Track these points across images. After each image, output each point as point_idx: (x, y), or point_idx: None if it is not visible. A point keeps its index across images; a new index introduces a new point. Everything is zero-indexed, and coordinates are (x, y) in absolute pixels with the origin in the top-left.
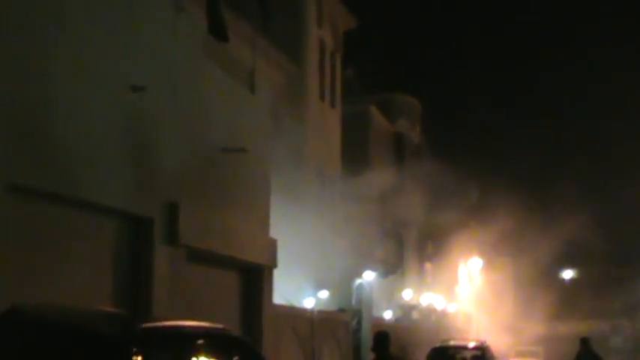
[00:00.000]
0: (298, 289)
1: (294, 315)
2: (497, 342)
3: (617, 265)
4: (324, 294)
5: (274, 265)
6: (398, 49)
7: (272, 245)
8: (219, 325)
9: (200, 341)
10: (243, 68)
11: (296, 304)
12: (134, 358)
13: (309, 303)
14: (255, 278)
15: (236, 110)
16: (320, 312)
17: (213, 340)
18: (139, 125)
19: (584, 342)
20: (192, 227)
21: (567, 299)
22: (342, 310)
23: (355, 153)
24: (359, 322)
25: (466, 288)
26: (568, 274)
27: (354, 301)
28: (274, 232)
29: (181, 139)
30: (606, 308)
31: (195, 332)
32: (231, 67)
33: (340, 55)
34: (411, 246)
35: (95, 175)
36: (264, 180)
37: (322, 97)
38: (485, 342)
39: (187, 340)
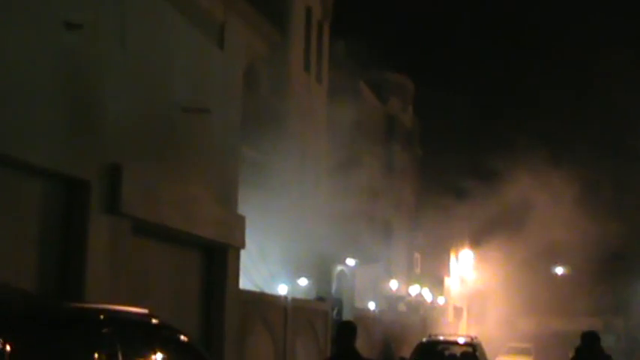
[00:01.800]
0: (273, 276)
1: (264, 303)
2: (488, 338)
3: (610, 261)
4: (302, 281)
5: (242, 245)
6: (391, 25)
7: (239, 223)
8: (143, 310)
9: (105, 329)
10: (212, 21)
11: (269, 292)
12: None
13: (282, 290)
14: (218, 259)
15: (201, 66)
16: (295, 300)
17: (125, 327)
18: (78, 71)
19: (590, 339)
20: (139, 195)
21: (559, 296)
22: (320, 299)
23: (342, 131)
24: (339, 313)
25: (457, 281)
26: (560, 270)
27: (334, 290)
28: (245, 209)
29: (130, 91)
30: (599, 305)
31: (98, 317)
32: (197, 18)
33: (328, 25)
34: (400, 234)
35: (18, 126)
36: (232, 148)
37: (307, 69)
38: (476, 337)
39: (86, 326)
